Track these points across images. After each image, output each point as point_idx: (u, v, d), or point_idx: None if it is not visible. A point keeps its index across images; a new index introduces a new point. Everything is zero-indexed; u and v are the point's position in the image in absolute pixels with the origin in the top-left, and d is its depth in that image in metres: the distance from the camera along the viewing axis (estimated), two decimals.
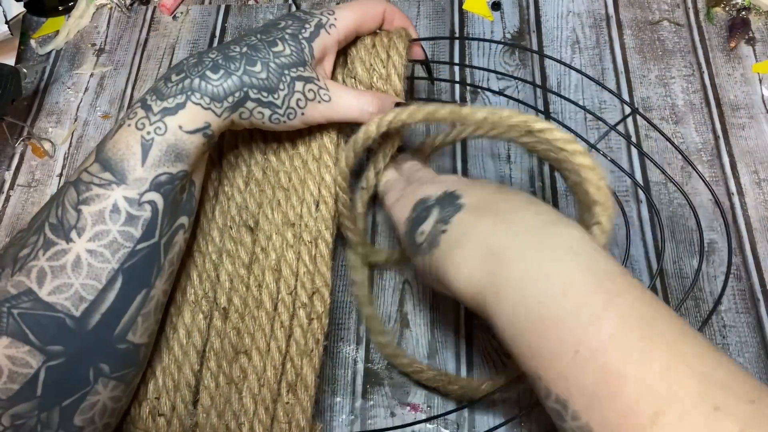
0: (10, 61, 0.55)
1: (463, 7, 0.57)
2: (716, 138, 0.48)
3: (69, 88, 0.55)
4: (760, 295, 0.42)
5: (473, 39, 0.55)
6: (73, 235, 0.32)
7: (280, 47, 0.36)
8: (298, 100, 0.36)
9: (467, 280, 0.30)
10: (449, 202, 0.33)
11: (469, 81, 0.53)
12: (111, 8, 0.60)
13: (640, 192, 0.46)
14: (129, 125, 0.34)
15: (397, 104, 0.38)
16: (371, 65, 0.40)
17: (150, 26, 0.58)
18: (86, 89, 0.55)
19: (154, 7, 0.60)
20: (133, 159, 0.33)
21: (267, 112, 0.36)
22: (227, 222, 0.40)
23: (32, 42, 0.58)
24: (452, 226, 0.32)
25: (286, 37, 0.37)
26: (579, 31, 0.54)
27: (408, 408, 0.40)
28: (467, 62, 0.53)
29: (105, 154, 0.33)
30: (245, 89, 0.35)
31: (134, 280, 0.33)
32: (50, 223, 0.32)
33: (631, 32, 0.54)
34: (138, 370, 0.35)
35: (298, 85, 0.36)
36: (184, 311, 0.39)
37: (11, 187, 0.51)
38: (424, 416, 0.40)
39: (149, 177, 0.33)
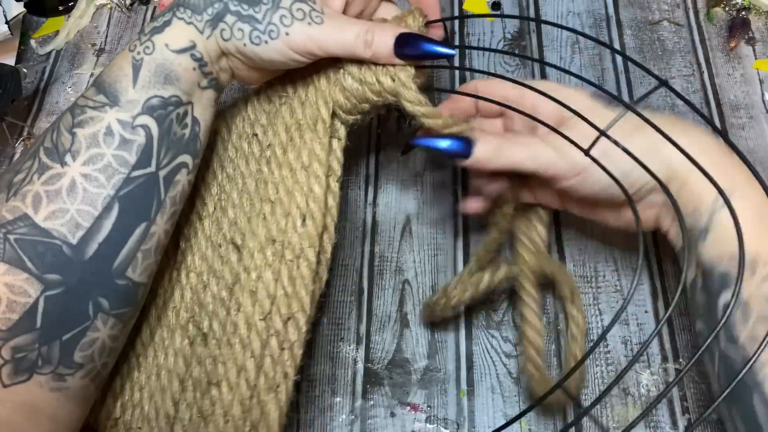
0: (10, 61, 0.55)
1: (463, 7, 0.57)
2: (716, 138, 0.48)
3: (69, 88, 0.55)
4: None
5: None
6: (68, 158, 0.32)
7: None
8: (282, 16, 0.33)
9: None
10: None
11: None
12: (111, 8, 0.60)
13: None
14: (125, 50, 0.34)
15: (406, 36, 0.34)
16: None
17: None
18: (86, 89, 0.55)
19: (154, 7, 0.60)
20: (125, 80, 0.33)
21: (247, 28, 0.33)
22: (218, 239, 0.38)
23: (32, 42, 0.58)
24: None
25: None
26: None
27: (408, 408, 0.40)
28: (467, 61, 0.53)
29: (101, 78, 0.34)
30: (225, 1, 0.34)
31: (132, 210, 0.32)
32: (45, 147, 0.32)
33: (631, 32, 0.54)
34: (135, 311, 0.35)
35: (285, 2, 0.33)
36: (175, 334, 0.37)
37: None
38: (424, 416, 0.40)
39: (141, 99, 0.33)
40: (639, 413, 0.39)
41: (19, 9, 0.54)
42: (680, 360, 0.40)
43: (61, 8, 0.59)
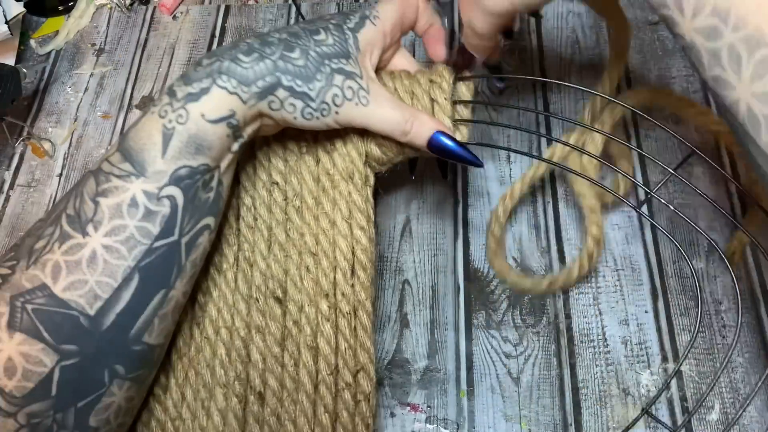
0: (10, 61, 0.55)
1: None
2: (716, 138, 0.48)
3: (69, 88, 0.55)
4: (760, 295, 0.42)
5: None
6: (90, 228, 0.31)
7: (322, 36, 0.34)
8: (335, 96, 0.34)
9: None
10: None
11: None
12: (111, 8, 0.60)
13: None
14: (153, 113, 0.33)
15: (441, 134, 0.36)
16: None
17: (150, 26, 0.58)
18: (86, 89, 0.55)
19: (154, 7, 0.60)
20: (154, 150, 0.32)
21: (299, 104, 0.34)
22: (252, 293, 0.37)
23: (32, 42, 0.58)
24: None
25: (330, 27, 0.35)
26: (579, 31, 0.54)
27: (408, 408, 0.40)
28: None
29: (127, 143, 0.32)
30: (278, 74, 0.33)
31: (152, 279, 0.32)
32: (68, 214, 0.32)
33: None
34: (152, 370, 0.35)
35: (338, 79, 0.34)
36: (216, 393, 0.36)
37: (11, 187, 0.51)
38: (424, 416, 0.40)
39: (169, 170, 0.32)
40: (639, 413, 0.39)
41: (19, 9, 0.54)
42: (680, 360, 0.40)
43: (61, 8, 0.60)
